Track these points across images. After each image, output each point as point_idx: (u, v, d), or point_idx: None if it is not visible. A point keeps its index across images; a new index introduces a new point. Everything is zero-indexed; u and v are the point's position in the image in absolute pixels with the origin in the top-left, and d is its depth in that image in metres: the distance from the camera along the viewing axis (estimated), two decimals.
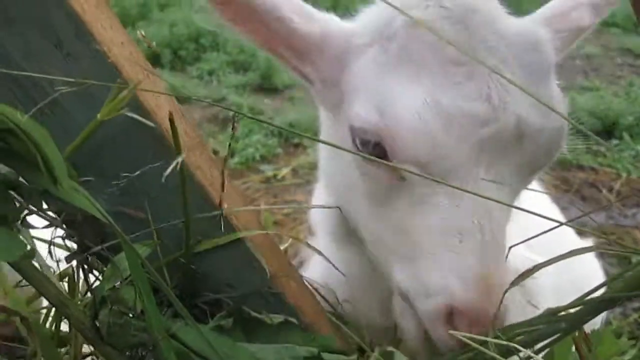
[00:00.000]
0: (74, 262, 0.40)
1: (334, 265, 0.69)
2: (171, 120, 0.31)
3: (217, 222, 0.39)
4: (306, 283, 0.51)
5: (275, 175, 3.22)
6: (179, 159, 0.30)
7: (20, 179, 0.31)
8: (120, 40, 0.33)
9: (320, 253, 0.74)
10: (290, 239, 0.88)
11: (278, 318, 0.39)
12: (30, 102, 0.34)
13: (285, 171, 3.23)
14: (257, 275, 0.41)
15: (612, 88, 4.25)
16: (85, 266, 0.39)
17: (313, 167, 3.30)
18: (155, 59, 4.53)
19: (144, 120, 0.30)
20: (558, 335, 0.53)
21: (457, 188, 0.59)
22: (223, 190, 0.39)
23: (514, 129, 0.61)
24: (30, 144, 0.27)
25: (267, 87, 4.09)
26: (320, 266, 0.82)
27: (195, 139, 0.37)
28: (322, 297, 0.63)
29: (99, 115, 0.31)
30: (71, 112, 0.33)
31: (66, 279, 0.39)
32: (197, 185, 0.36)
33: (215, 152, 3.49)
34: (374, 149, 0.62)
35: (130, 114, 0.30)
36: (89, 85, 0.31)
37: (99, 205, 0.30)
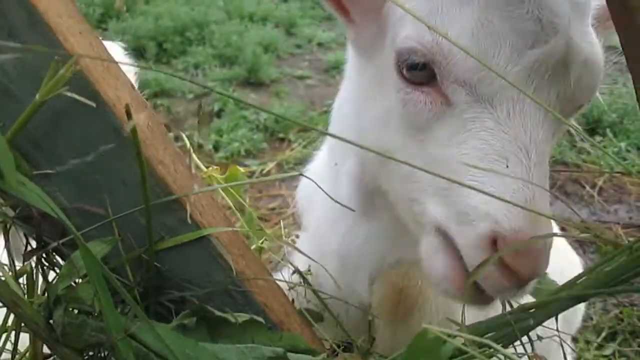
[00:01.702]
0: (32, 260, 0.39)
1: (312, 259, 0.69)
2: (127, 113, 0.30)
3: (182, 219, 0.38)
4: (276, 281, 0.50)
5: (260, 170, 3.20)
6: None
7: None
8: (78, 29, 0.32)
9: (299, 251, 0.73)
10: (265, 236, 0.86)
11: (243, 317, 0.38)
12: None
13: (270, 166, 3.22)
14: (224, 273, 0.40)
15: None
16: (45, 263, 0.37)
17: (298, 162, 3.29)
18: (140, 52, 4.49)
19: (85, 100, 0.29)
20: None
21: (519, 89, 0.58)
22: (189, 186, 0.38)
23: (563, 53, 0.61)
24: None
25: (253, 81, 4.06)
26: (309, 247, 0.82)
27: (159, 133, 0.36)
28: (308, 284, 0.63)
29: (37, 96, 0.29)
30: (22, 100, 0.32)
31: (24, 277, 0.38)
32: (159, 180, 0.35)
33: (200, 146, 3.46)
34: (421, 70, 0.63)
35: (70, 94, 0.29)
36: (31, 53, 0.30)
37: (51, 201, 0.29)
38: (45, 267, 0.37)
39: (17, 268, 0.38)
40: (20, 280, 0.40)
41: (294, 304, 0.55)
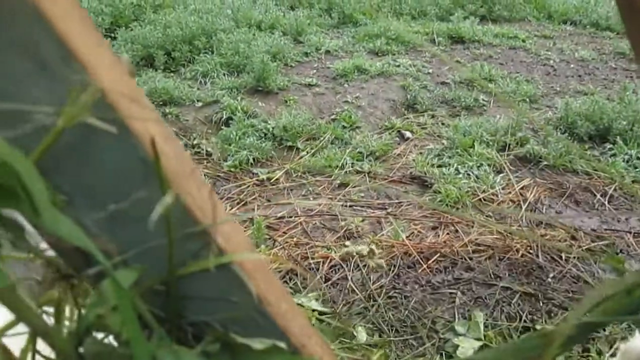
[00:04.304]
0: (59, 286, 0.40)
1: None
2: (154, 147, 0.30)
3: (206, 244, 0.38)
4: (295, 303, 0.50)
5: (269, 178, 3.21)
6: (167, 199, 0.29)
7: None
8: (108, 61, 0.32)
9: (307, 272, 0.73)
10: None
11: (266, 343, 0.38)
12: (2, 124, 0.33)
13: (279, 174, 3.23)
14: (246, 298, 0.40)
15: (606, 92, 4.27)
16: (72, 290, 0.38)
17: (307, 170, 3.30)
18: (148, 61, 4.52)
19: (108, 127, 0.29)
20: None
21: None
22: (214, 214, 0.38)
23: None
24: (9, 171, 0.26)
25: (261, 89, 4.08)
26: None
27: (185, 161, 0.36)
28: None
29: (60, 122, 0.30)
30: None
31: (50, 304, 0.38)
32: (185, 209, 0.36)
33: (208, 154, 3.47)
34: None
35: (93, 121, 0.29)
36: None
37: (84, 236, 0.29)
38: (72, 295, 0.38)
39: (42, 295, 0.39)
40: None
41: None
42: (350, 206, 2.96)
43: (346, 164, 3.27)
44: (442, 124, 3.81)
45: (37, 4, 0.30)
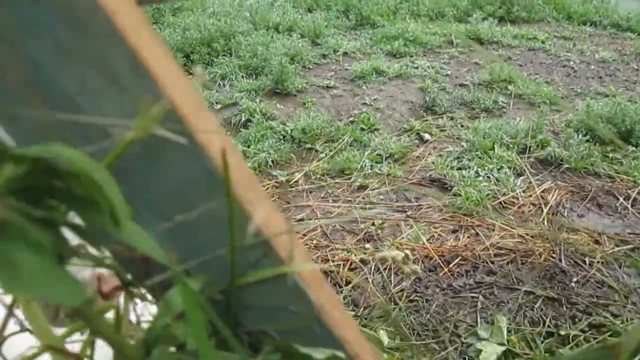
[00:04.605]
0: (119, 295, 0.40)
1: None
2: (225, 161, 0.30)
3: (265, 254, 0.39)
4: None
5: (288, 181, 3.21)
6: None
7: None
8: (175, 72, 0.33)
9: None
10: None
11: (326, 352, 0.38)
12: (82, 139, 0.33)
13: (298, 176, 3.23)
14: (305, 307, 0.40)
15: (627, 94, 4.22)
16: (132, 300, 0.38)
17: (325, 172, 3.30)
18: None
19: (179, 138, 0.30)
20: None
21: None
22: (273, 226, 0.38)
23: None
24: (90, 185, 0.27)
25: (279, 91, 4.09)
26: None
27: (247, 172, 0.36)
28: None
29: (131, 134, 0.30)
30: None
31: (110, 312, 0.39)
32: (248, 219, 0.36)
33: None
34: None
35: (163, 132, 0.29)
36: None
37: (156, 244, 0.29)
38: (133, 304, 0.38)
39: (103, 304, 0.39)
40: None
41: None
42: (369, 208, 2.96)
43: (365, 166, 3.27)
44: (461, 126, 3.79)
45: (112, 17, 0.31)
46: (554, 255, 2.52)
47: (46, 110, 0.33)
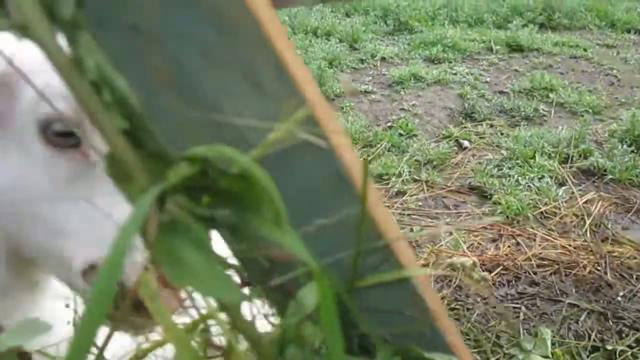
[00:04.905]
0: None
1: None
2: (365, 166, 0.31)
3: (385, 258, 0.39)
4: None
5: None
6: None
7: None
8: (310, 78, 0.34)
9: None
10: None
11: (444, 357, 0.39)
12: (218, 140, 0.34)
13: None
14: (419, 312, 0.40)
15: None
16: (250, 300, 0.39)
17: None
18: None
19: (319, 141, 0.30)
20: None
21: None
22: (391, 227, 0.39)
23: None
24: (255, 186, 0.27)
25: None
26: None
27: (368, 177, 0.37)
28: None
29: (273, 135, 0.31)
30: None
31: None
32: (373, 223, 0.36)
33: None
34: (66, 136, 0.69)
35: (303, 135, 0.30)
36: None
37: (303, 246, 0.30)
38: (253, 304, 0.39)
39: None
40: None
41: None
42: (408, 215, 2.95)
43: (403, 172, 3.25)
44: (501, 133, 3.74)
45: (260, 22, 0.32)
46: (598, 267, 2.46)
47: (188, 110, 0.34)
